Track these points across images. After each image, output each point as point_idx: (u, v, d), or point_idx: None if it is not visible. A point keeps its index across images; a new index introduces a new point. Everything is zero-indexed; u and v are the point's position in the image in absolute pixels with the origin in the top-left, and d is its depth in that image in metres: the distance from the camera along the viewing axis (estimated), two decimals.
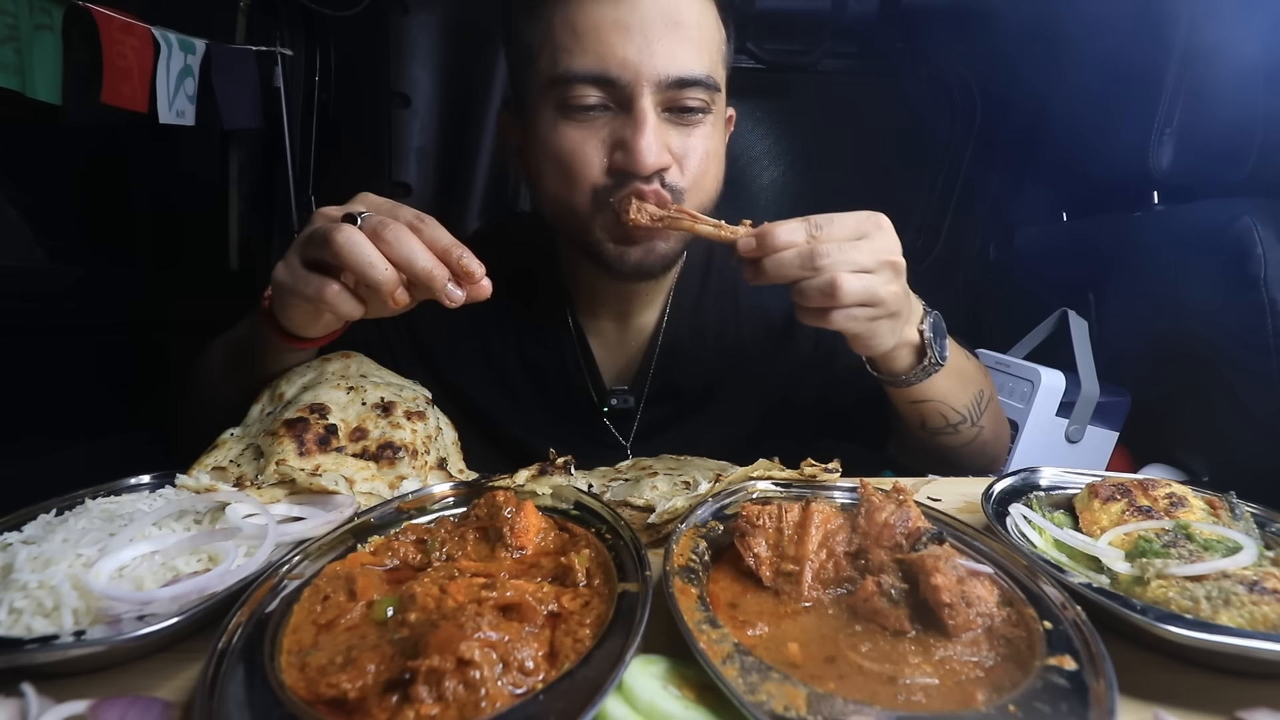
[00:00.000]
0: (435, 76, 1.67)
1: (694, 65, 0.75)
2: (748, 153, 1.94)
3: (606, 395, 0.98)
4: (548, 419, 1.00)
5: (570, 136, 0.76)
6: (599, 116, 0.76)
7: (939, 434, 0.89)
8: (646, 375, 0.99)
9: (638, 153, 0.72)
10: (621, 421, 1.00)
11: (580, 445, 0.81)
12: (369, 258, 0.59)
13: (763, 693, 0.38)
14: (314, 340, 0.74)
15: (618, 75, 0.72)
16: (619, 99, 0.75)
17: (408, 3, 1.61)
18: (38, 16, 1.00)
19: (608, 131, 0.76)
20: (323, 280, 0.63)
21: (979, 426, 0.89)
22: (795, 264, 0.66)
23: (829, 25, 1.75)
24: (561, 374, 0.99)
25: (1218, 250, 1.07)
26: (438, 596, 0.45)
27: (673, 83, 0.74)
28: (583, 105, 0.75)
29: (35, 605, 0.47)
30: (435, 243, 0.62)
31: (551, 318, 0.98)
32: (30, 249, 1.16)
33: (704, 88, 0.76)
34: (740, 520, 0.56)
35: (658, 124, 0.75)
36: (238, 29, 1.44)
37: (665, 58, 0.73)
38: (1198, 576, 0.51)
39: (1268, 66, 1.09)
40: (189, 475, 0.65)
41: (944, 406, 0.86)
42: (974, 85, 1.87)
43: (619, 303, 0.97)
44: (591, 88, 0.74)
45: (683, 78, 0.74)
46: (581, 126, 0.76)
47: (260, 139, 1.54)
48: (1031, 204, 1.72)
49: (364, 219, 0.62)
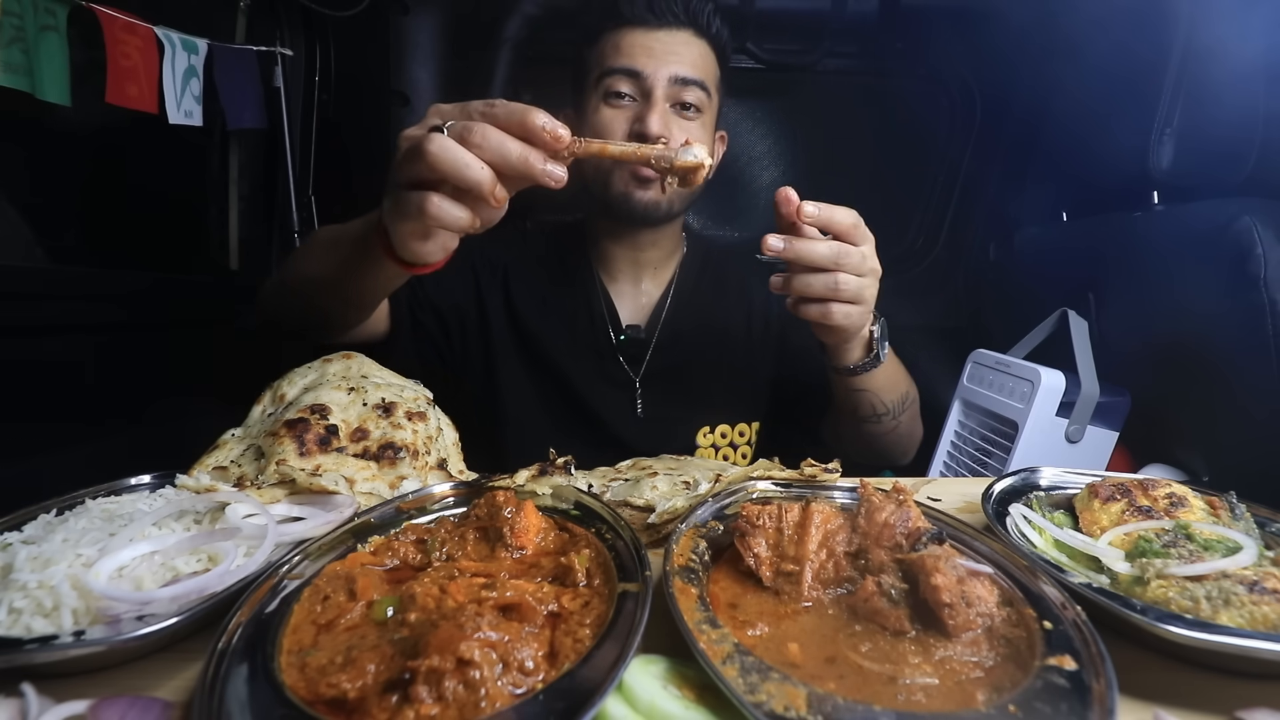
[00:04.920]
0: (435, 76, 1.67)
1: (691, 71, 1.08)
2: (748, 153, 1.94)
3: (622, 328, 1.24)
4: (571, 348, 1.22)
5: (606, 113, 1.09)
6: (627, 104, 1.08)
7: (866, 422, 1.08)
8: (657, 322, 1.25)
9: (648, 123, 1.03)
10: (633, 361, 1.23)
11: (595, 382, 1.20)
12: (464, 159, 0.62)
13: (763, 693, 0.38)
14: (431, 266, 0.76)
15: (641, 69, 1.06)
16: (641, 90, 1.07)
17: (408, 3, 1.61)
18: (42, 17, 1.00)
19: (632, 114, 1.08)
20: (424, 195, 0.64)
21: (898, 421, 1.10)
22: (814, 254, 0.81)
23: (829, 25, 1.74)
24: (586, 310, 1.24)
25: (1218, 250, 1.07)
26: (438, 596, 0.45)
27: (677, 80, 1.07)
28: (617, 92, 1.08)
29: (35, 605, 0.47)
30: (516, 123, 0.64)
31: (580, 278, 1.25)
32: (30, 249, 1.16)
33: (699, 87, 1.08)
34: (740, 520, 0.56)
35: (665, 110, 1.07)
36: (238, 29, 1.44)
37: (673, 66, 1.06)
38: (1198, 576, 0.51)
39: (1268, 66, 1.09)
40: (189, 475, 0.65)
41: (876, 398, 1.05)
42: (974, 85, 1.87)
43: (635, 269, 1.25)
44: (624, 78, 1.07)
45: (684, 77, 1.07)
46: (615, 109, 1.09)
47: (260, 139, 1.54)
48: (1031, 204, 1.71)
49: (449, 128, 0.64)
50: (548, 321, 1.23)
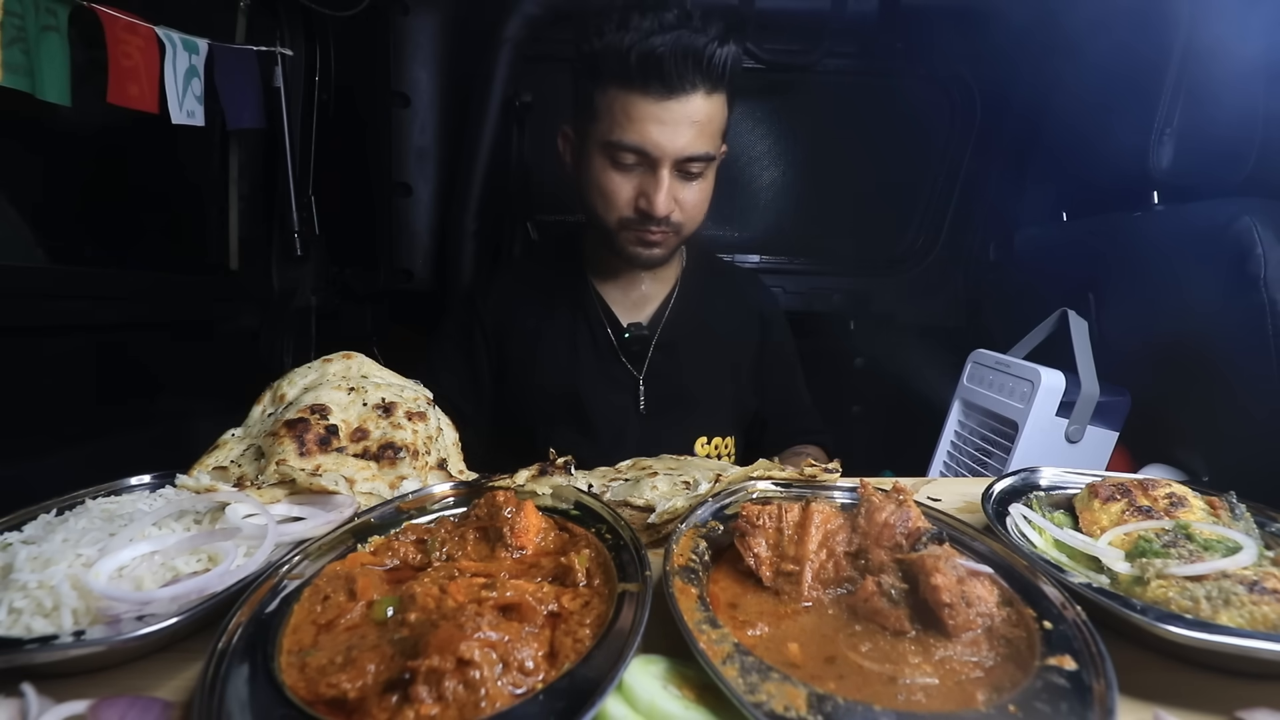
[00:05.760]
0: (435, 76, 1.67)
1: (700, 148, 1.06)
2: (748, 153, 1.94)
3: (624, 328, 1.25)
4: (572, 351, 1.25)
5: (613, 179, 1.09)
6: (634, 170, 1.09)
7: None
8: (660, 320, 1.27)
9: (655, 204, 1.07)
10: (635, 359, 1.25)
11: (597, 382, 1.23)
12: None
13: (763, 693, 0.38)
14: None
15: (650, 150, 1.05)
16: (648, 163, 1.07)
17: (408, 3, 1.61)
18: (43, 17, 1.00)
19: (638, 181, 1.09)
20: None
21: None
22: None
23: (829, 25, 1.74)
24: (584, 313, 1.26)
25: (1217, 250, 1.07)
26: (438, 596, 0.45)
27: (685, 158, 1.06)
28: (624, 163, 1.08)
29: (35, 605, 0.47)
30: None
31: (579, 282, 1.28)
32: (30, 249, 1.16)
33: (704, 160, 1.08)
34: (740, 520, 0.56)
35: (671, 183, 1.07)
36: (238, 29, 1.44)
37: (683, 144, 1.04)
38: (1198, 576, 0.51)
39: (1268, 66, 1.09)
40: (189, 475, 0.65)
41: None
42: (974, 85, 1.87)
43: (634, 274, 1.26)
44: (632, 154, 1.06)
45: (692, 155, 1.06)
46: (621, 174, 1.09)
47: (260, 139, 1.54)
48: (1031, 204, 1.71)
49: None
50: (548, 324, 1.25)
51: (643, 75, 1.01)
